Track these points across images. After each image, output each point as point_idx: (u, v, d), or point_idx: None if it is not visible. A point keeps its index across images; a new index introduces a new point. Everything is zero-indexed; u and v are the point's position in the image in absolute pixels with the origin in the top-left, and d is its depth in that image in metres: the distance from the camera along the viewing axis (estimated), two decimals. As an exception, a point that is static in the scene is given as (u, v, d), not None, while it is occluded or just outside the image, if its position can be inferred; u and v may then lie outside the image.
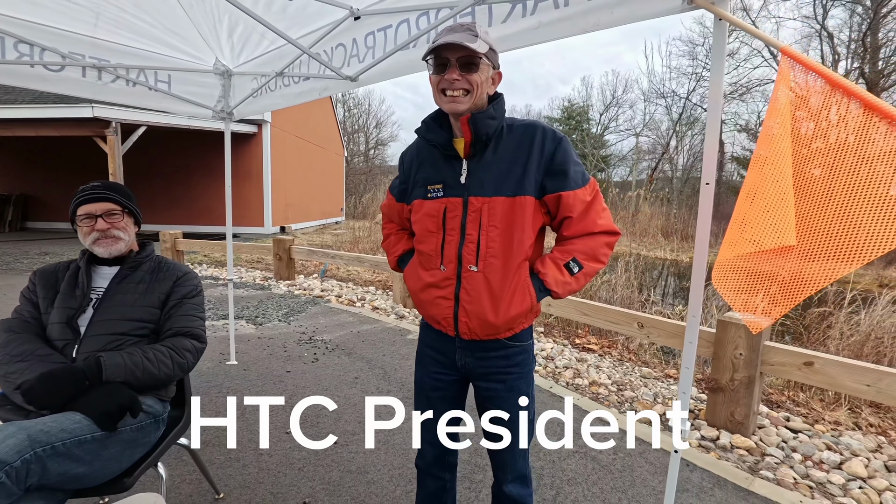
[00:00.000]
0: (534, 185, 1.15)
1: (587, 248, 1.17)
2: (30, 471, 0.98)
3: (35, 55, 2.41)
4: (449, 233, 1.19)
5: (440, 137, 1.18)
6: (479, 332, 1.20)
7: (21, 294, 1.44)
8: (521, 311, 1.17)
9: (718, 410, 2.65)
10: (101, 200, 1.44)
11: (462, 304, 1.18)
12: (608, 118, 30.54)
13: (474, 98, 1.10)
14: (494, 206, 1.14)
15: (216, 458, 2.13)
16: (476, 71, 1.09)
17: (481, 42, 1.07)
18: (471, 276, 1.17)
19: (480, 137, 1.13)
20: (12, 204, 12.70)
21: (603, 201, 1.19)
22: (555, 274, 1.16)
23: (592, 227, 1.16)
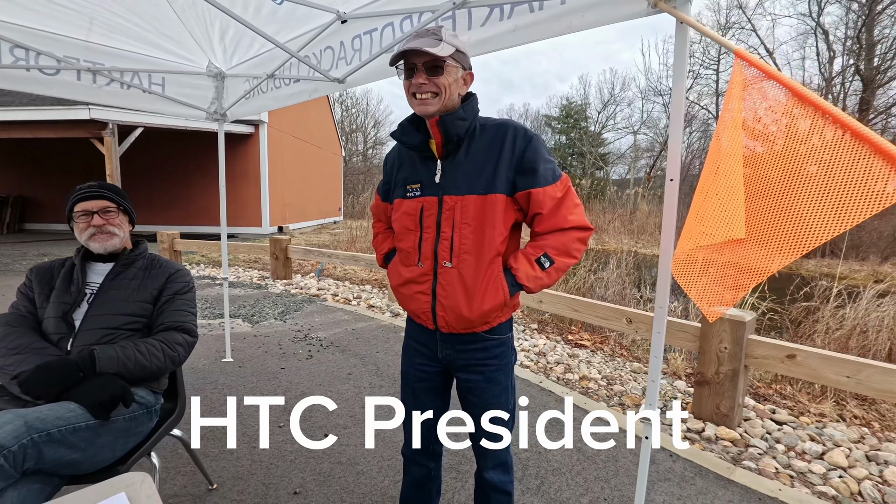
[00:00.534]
0: (505, 183, 1.18)
1: (558, 243, 1.20)
2: (26, 455, 1.03)
3: (31, 59, 2.46)
4: (426, 230, 1.23)
5: (415, 139, 1.23)
6: (456, 326, 1.25)
7: (18, 290, 1.49)
8: (494, 305, 1.21)
9: (704, 403, 2.71)
10: (98, 198, 1.50)
11: (439, 299, 1.23)
12: (606, 116, 30.64)
13: (443, 100, 1.14)
14: (467, 204, 1.18)
15: (210, 450, 2.18)
16: (442, 74, 1.13)
17: (445, 45, 1.10)
18: (446, 272, 1.21)
19: (451, 138, 1.18)
20: (10, 206, 12.74)
21: (576, 197, 1.22)
22: (526, 269, 1.20)
23: (563, 223, 1.19)
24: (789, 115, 0.92)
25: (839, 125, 0.84)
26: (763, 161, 0.93)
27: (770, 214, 0.90)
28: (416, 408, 1.44)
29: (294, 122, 14.94)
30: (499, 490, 1.40)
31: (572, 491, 1.97)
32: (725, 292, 1.04)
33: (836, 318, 3.86)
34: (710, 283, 1.02)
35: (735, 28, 19.98)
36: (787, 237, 0.87)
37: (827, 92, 15.76)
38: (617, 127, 30.22)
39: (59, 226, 13.16)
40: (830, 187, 0.85)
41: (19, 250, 9.19)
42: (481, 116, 1.24)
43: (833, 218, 0.84)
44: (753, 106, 0.96)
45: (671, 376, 3.53)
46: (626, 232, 14.19)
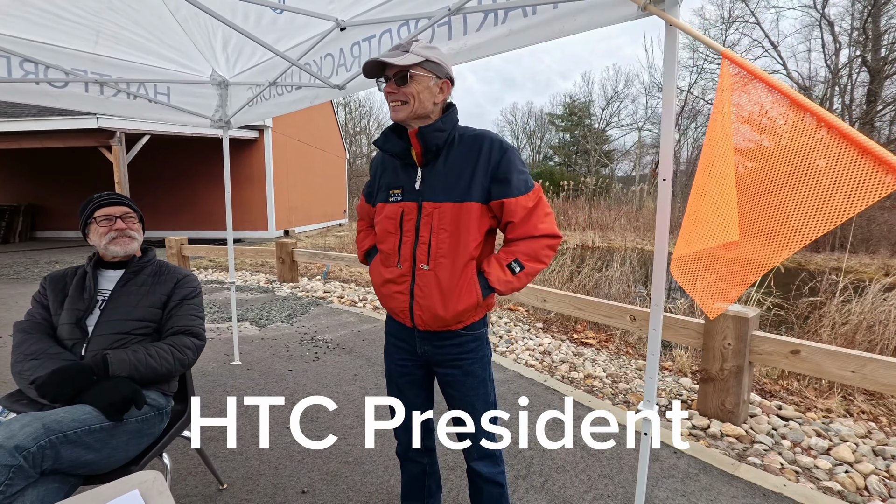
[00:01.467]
0: (480, 192, 1.24)
1: (529, 249, 1.26)
2: (45, 456, 1.08)
3: (40, 73, 2.52)
4: (405, 234, 1.30)
5: (397, 147, 1.29)
6: (432, 324, 1.31)
7: (33, 298, 1.55)
8: (468, 305, 1.27)
9: (709, 400, 2.71)
10: (119, 204, 1.59)
11: (416, 299, 1.29)
12: (610, 113, 30.53)
13: (413, 107, 1.21)
14: (444, 211, 1.24)
15: (220, 451, 2.23)
16: (409, 82, 1.19)
17: (410, 56, 1.17)
18: (423, 273, 1.27)
19: (430, 148, 1.24)
20: (21, 214, 12.96)
21: (547, 206, 1.29)
22: (498, 273, 1.26)
23: (533, 230, 1.25)
24: (781, 114, 0.94)
25: (825, 124, 0.86)
26: (768, 155, 0.95)
27: (776, 208, 0.93)
28: (403, 404, 1.50)
29: (298, 125, 15.05)
30: (489, 481, 1.43)
31: (576, 488, 1.99)
32: (731, 288, 1.06)
33: (843, 312, 3.83)
34: (716, 279, 1.04)
35: (738, 21, 19.83)
36: (791, 229, 0.90)
37: (833, 84, 15.60)
38: (621, 124, 30.13)
39: (69, 233, 13.37)
40: (821, 183, 0.87)
41: (31, 258, 9.35)
42: (461, 126, 1.30)
43: (820, 213, 0.87)
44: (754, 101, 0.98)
45: (676, 373, 3.54)
46: (632, 229, 14.12)
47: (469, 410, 1.38)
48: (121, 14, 2.40)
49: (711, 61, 21.35)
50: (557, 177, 24.92)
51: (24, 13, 2.26)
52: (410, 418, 1.50)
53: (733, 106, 1.00)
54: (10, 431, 1.05)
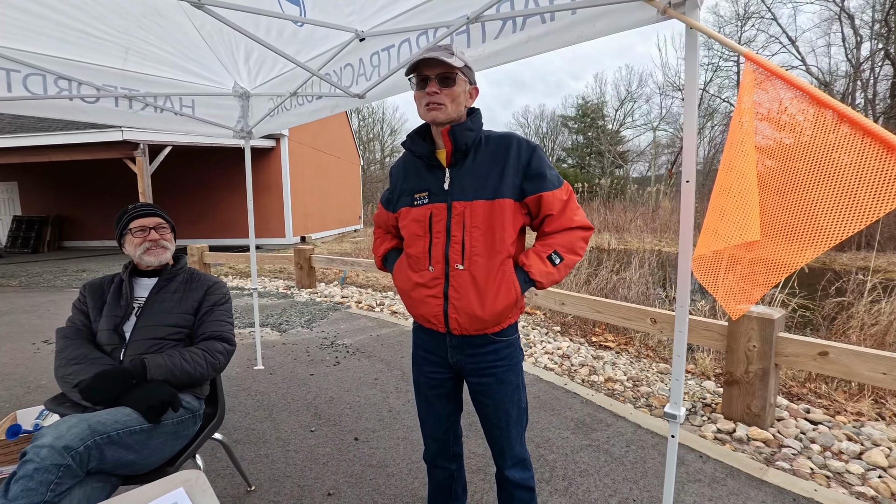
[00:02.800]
0: (512, 189, 1.25)
1: (566, 241, 1.28)
2: (90, 456, 1.13)
3: (73, 89, 2.64)
4: (435, 235, 1.29)
5: (424, 149, 1.30)
6: (468, 327, 1.29)
7: (73, 305, 1.62)
8: (506, 304, 1.26)
9: (734, 403, 2.66)
10: (153, 216, 1.65)
11: (451, 301, 1.28)
12: (624, 114, 30.25)
13: (451, 110, 1.22)
14: (476, 209, 1.25)
15: (247, 454, 2.28)
16: (453, 85, 1.21)
17: (457, 59, 1.19)
18: (458, 274, 1.27)
19: (460, 147, 1.25)
20: (50, 224, 13.42)
21: (576, 200, 1.31)
22: (538, 265, 1.27)
23: (569, 222, 1.28)
24: (803, 113, 0.94)
25: (846, 120, 0.86)
26: (790, 154, 0.95)
27: (799, 207, 0.93)
28: (430, 414, 1.49)
29: (313, 134, 15.29)
30: (521, 486, 1.43)
31: (601, 492, 1.98)
32: (754, 289, 1.05)
33: (872, 313, 3.72)
34: (738, 280, 1.04)
35: (754, 17, 19.50)
36: (816, 229, 0.89)
37: (855, 78, 15.19)
38: (635, 124, 29.87)
39: (94, 242, 13.79)
40: (845, 180, 0.86)
41: (60, 266, 9.68)
42: (484, 129, 1.32)
43: (846, 211, 0.86)
44: (773, 98, 0.98)
45: (699, 377, 3.48)
46: (649, 230, 13.93)
47: (503, 418, 1.36)
48: (148, 31, 2.50)
49: (727, 59, 21.03)
50: (571, 179, 24.77)
51: (58, 33, 2.37)
52: (438, 428, 1.50)
53: (754, 104, 1.00)
54: (58, 432, 1.10)
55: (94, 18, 2.31)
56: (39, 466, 1.03)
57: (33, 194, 14.13)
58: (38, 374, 3.45)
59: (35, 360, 3.76)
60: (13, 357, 3.85)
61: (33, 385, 3.23)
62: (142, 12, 2.34)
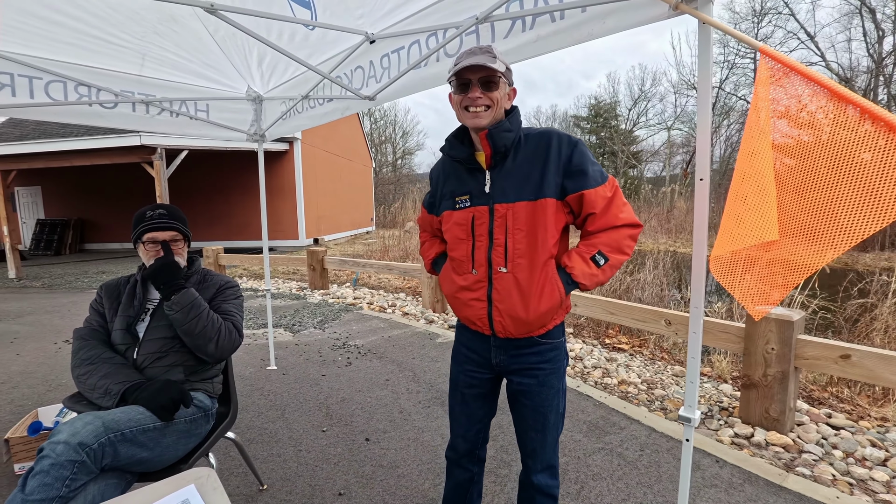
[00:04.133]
0: (554, 188, 1.22)
1: (611, 240, 1.22)
2: (104, 453, 1.15)
3: (92, 95, 2.71)
4: (478, 239, 1.28)
5: (462, 153, 1.28)
6: (513, 330, 1.27)
7: (90, 305, 1.65)
8: (551, 305, 1.24)
9: (752, 407, 2.60)
10: (168, 229, 1.60)
11: (495, 304, 1.26)
12: (637, 113, 29.89)
13: (494, 113, 1.20)
14: (518, 210, 1.22)
15: (259, 453, 2.30)
16: (496, 89, 1.19)
17: (499, 62, 1.17)
18: (501, 276, 1.25)
19: (499, 149, 1.22)
20: (71, 227, 13.79)
21: (622, 196, 1.25)
22: (581, 267, 1.23)
23: (615, 220, 1.22)
24: (822, 109, 0.91)
25: (869, 116, 0.83)
26: (809, 152, 0.93)
27: (819, 206, 0.90)
28: (464, 413, 1.47)
29: (326, 136, 15.43)
30: (545, 494, 1.39)
31: (613, 496, 1.95)
32: (773, 291, 1.02)
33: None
34: (756, 281, 1.01)
35: (771, 13, 19.12)
36: (836, 229, 0.86)
37: (878, 74, 14.78)
38: (649, 123, 29.45)
39: (114, 245, 14.12)
40: (867, 178, 0.84)
41: (81, 268, 9.93)
42: (523, 127, 1.29)
43: (868, 210, 0.83)
44: (791, 95, 0.95)
45: (716, 379, 3.41)
46: (664, 231, 13.74)
47: (541, 421, 1.34)
48: (164, 37, 2.55)
49: (743, 56, 20.65)
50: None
51: (77, 40, 2.43)
52: (471, 429, 1.47)
53: (770, 101, 0.97)
54: (73, 429, 1.12)
55: (112, 26, 2.37)
56: (55, 462, 1.05)
57: (56, 198, 14.53)
58: (59, 372, 3.54)
59: (56, 360, 3.86)
60: (36, 356, 3.95)
61: (54, 383, 3.31)
62: (158, 19, 2.39)
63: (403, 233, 13.72)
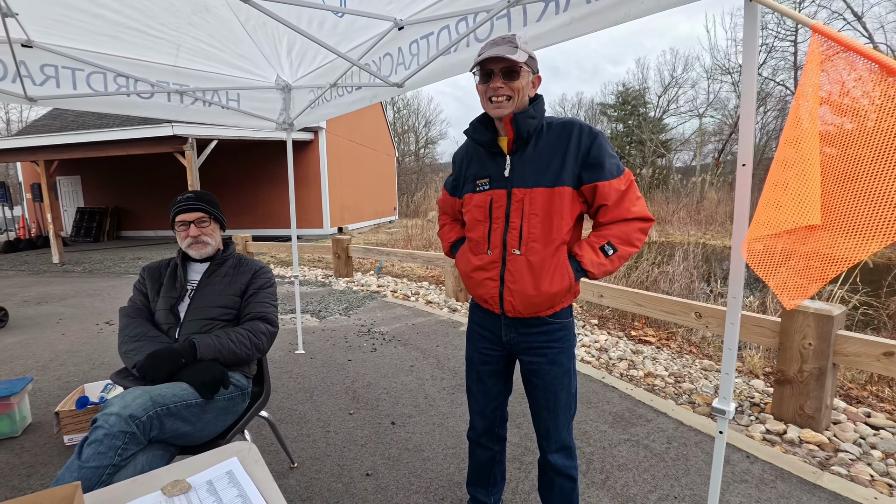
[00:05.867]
0: (571, 177, 1.25)
1: (621, 232, 1.25)
2: (152, 425, 1.22)
3: (130, 86, 2.80)
4: (494, 221, 1.32)
5: (485, 137, 1.32)
6: (522, 310, 1.31)
7: (134, 286, 1.74)
8: (560, 288, 1.27)
9: (786, 403, 2.53)
10: (194, 210, 1.70)
11: (507, 284, 1.31)
12: (667, 100, 28.87)
13: (516, 102, 1.23)
14: (535, 196, 1.26)
15: (289, 433, 2.38)
16: (517, 79, 1.21)
17: (521, 52, 1.18)
18: (514, 258, 1.29)
19: (522, 135, 1.25)
20: (109, 216, 14.40)
21: (637, 190, 1.27)
22: (591, 256, 1.26)
23: (626, 213, 1.25)
24: (881, 92, 0.86)
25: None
26: (852, 140, 0.88)
27: (860, 197, 0.85)
28: (480, 391, 1.52)
29: (350, 126, 15.54)
30: (562, 474, 1.42)
31: (639, 487, 1.94)
32: (810, 284, 0.99)
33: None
34: (793, 274, 0.97)
35: (817, -6, 18.02)
36: (880, 222, 0.82)
37: (933, 56, 13.79)
38: (680, 111, 28.39)
39: (149, 232, 14.67)
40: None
41: (118, 254, 10.38)
42: (547, 116, 1.31)
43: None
44: (837, 81, 0.90)
45: (747, 375, 3.32)
46: (693, 222, 13.33)
47: (552, 400, 1.38)
48: (198, 28, 2.60)
49: (783, 38, 19.62)
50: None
51: (116, 32, 2.51)
52: (487, 405, 1.53)
53: (817, 84, 0.93)
54: (124, 402, 1.19)
55: (149, 17, 2.43)
56: (108, 432, 1.12)
57: (94, 187, 15.17)
58: (102, 351, 3.73)
59: (98, 339, 4.07)
60: (80, 336, 4.17)
61: (97, 362, 3.49)
62: (192, 10, 2.44)
63: (426, 222, 13.75)
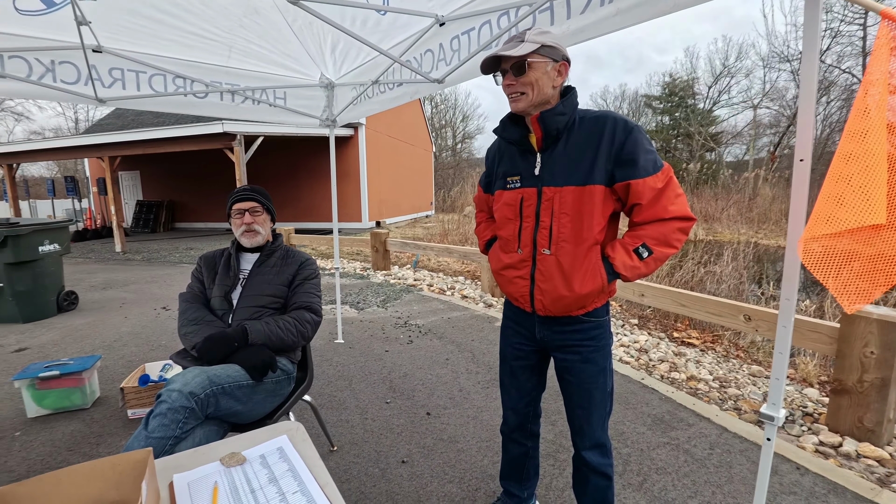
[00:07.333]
0: (603, 175, 1.20)
1: (658, 233, 1.20)
2: (209, 402, 1.32)
3: (187, 86, 2.97)
4: (525, 220, 1.30)
5: (515, 134, 1.31)
6: (553, 309, 1.30)
7: (192, 273, 1.88)
8: (591, 289, 1.24)
9: (843, 415, 2.38)
10: (249, 200, 1.83)
11: (537, 284, 1.29)
12: (718, 90, 27.34)
13: (532, 96, 1.20)
14: (565, 195, 1.23)
15: (329, 418, 2.48)
16: (528, 72, 1.18)
17: (526, 44, 1.16)
18: (544, 258, 1.27)
19: (550, 133, 1.23)
20: (164, 208, 15.37)
21: (678, 187, 1.21)
22: (623, 258, 1.22)
23: (663, 213, 1.19)
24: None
25: None
26: None
27: None
28: (513, 385, 1.52)
29: (388, 122, 15.76)
30: (597, 472, 1.41)
31: (678, 492, 1.88)
32: (874, 289, 0.93)
33: None
34: (856, 278, 0.92)
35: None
36: None
37: None
38: (732, 102, 26.79)
39: (199, 224, 15.53)
40: None
41: (172, 245, 11.06)
42: (581, 109, 1.26)
43: None
44: None
45: (800, 383, 3.14)
46: (744, 220, 12.61)
47: (585, 398, 1.36)
48: (249, 30, 2.73)
49: (850, 22, 18.10)
50: (654, 164, 22.93)
51: (175, 36, 2.67)
52: (520, 401, 1.53)
53: (887, 73, 0.87)
54: (185, 380, 1.30)
55: (204, 21, 2.58)
56: (171, 407, 1.22)
57: (152, 182, 16.21)
58: (159, 334, 4.01)
59: (157, 323, 4.37)
60: (140, 320, 4.50)
61: (155, 343, 3.76)
62: (243, 12, 2.56)
63: (462, 217, 13.77)
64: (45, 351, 3.61)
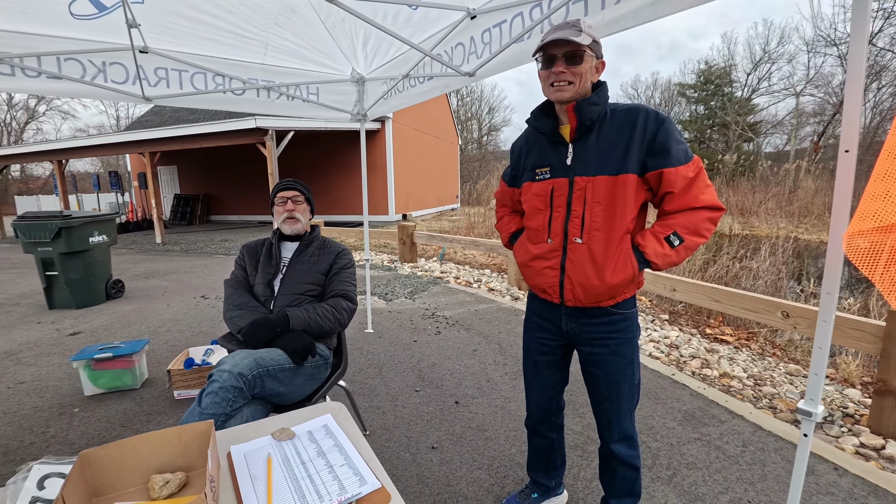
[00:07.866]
0: (636, 164, 1.22)
1: (688, 222, 1.21)
2: (255, 383, 1.40)
3: (226, 84, 3.09)
4: (555, 210, 1.31)
5: (547, 125, 1.32)
6: (583, 299, 1.31)
7: (235, 261, 1.99)
8: (623, 279, 1.25)
9: (886, 417, 2.29)
10: (292, 189, 1.95)
11: (567, 273, 1.30)
12: (758, 78, 26.08)
13: (577, 87, 1.21)
14: (598, 184, 1.24)
15: (361, 404, 2.57)
16: (581, 63, 1.19)
17: (585, 36, 1.17)
18: (576, 247, 1.28)
19: (585, 122, 1.24)
20: (200, 202, 15.97)
21: (707, 178, 1.22)
22: (654, 246, 1.23)
23: (694, 202, 1.21)
24: None
25: None
26: None
27: None
28: (537, 379, 1.54)
29: (415, 115, 15.83)
30: (625, 464, 1.42)
31: (709, 487, 1.87)
32: None
33: None
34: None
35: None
36: None
37: None
38: (772, 89, 25.49)
39: (233, 217, 16.08)
40: None
41: (208, 236, 11.51)
42: (611, 102, 1.28)
43: None
44: None
45: (840, 383, 3.03)
46: (784, 214, 12.08)
47: (614, 391, 1.37)
48: (284, 27, 2.81)
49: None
50: (687, 156, 22.15)
51: (215, 35, 2.78)
52: (543, 396, 1.55)
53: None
54: (234, 361, 1.39)
55: (241, 20, 2.67)
56: (222, 386, 1.31)
57: (188, 176, 16.86)
58: (200, 321, 4.22)
59: (197, 310, 4.59)
60: (181, 307, 4.74)
61: (197, 329, 3.96)
62: (278, 10, 2.64)
63: (488, 210, 13.73)
64: (97, 335, 3.86)
